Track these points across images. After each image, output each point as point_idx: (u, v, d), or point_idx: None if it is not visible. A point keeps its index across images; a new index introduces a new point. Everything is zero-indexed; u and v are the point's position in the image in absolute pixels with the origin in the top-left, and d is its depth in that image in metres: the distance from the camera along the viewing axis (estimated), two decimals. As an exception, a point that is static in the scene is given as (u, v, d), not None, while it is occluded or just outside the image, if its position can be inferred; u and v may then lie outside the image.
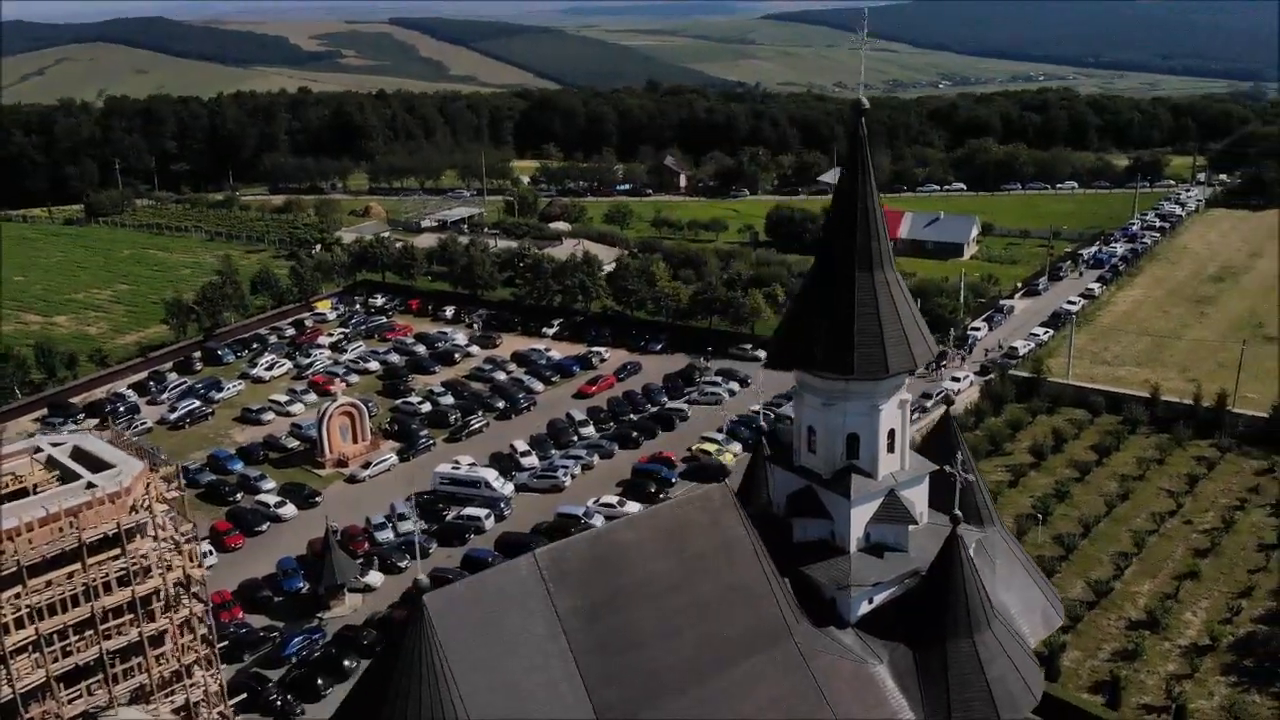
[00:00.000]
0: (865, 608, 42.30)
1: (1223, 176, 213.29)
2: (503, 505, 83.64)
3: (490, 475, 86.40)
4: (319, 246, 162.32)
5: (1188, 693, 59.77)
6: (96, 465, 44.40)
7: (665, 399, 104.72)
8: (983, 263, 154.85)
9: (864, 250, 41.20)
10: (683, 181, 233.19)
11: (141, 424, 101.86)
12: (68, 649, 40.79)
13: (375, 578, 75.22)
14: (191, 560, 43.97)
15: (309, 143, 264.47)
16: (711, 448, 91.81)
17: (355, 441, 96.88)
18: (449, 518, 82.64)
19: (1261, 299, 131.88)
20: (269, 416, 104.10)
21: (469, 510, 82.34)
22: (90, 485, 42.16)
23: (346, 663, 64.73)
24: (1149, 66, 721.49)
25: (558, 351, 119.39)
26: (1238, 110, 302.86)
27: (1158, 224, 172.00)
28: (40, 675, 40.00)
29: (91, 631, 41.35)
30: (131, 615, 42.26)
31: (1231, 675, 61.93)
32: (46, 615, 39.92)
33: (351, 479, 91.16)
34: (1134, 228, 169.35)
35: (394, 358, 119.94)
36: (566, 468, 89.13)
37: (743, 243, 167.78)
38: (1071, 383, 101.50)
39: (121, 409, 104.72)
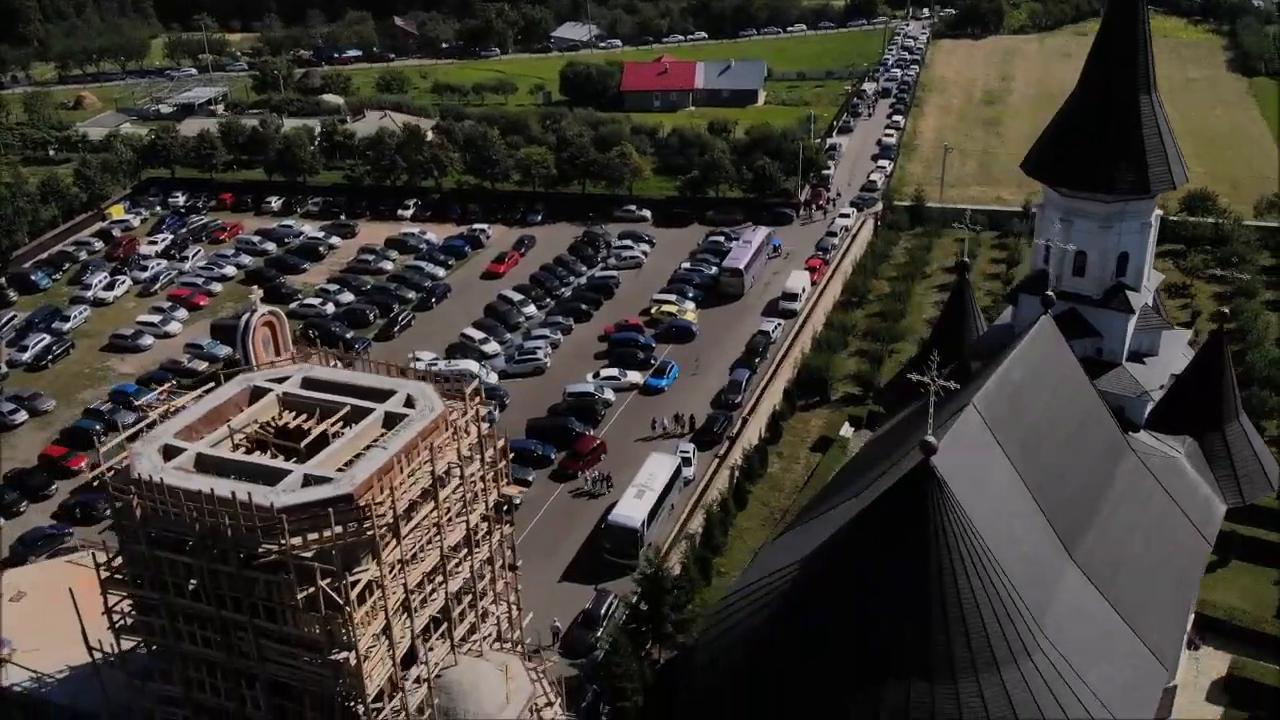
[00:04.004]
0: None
1: (925, 11, 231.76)
2: (502, 394, 79.28)
3: (472, 366, 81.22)
4: (56, 147, 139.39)
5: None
6: (362, 394, 37.86)
7: (584, 269, 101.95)
8: (777, 106, 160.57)
9: (1144, 74, 42.75)
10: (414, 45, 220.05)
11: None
12: (424, 601, 35.49)
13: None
14: (503, 480, 39.01)
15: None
16: (672, 308, 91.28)
17: (279, 354, 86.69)
18: (449, 416, 77.09)
19: (1034, 115, 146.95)
20: (148, 340, 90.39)
21: (471, 405, 77.18)
22: (390, 417, 36.06)
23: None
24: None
25: (434, 234, 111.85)
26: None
27: (908, 58, 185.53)
28: (405, 638, 34.61)
29: (440, 577, 36.09)
30: (465, 550, 37.23)
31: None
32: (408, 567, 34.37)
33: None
34: (890, 61, 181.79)
35: (245, 260, 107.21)
36: (539, 347, 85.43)
37: (539, 104, 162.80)
38: (951, 205, 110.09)
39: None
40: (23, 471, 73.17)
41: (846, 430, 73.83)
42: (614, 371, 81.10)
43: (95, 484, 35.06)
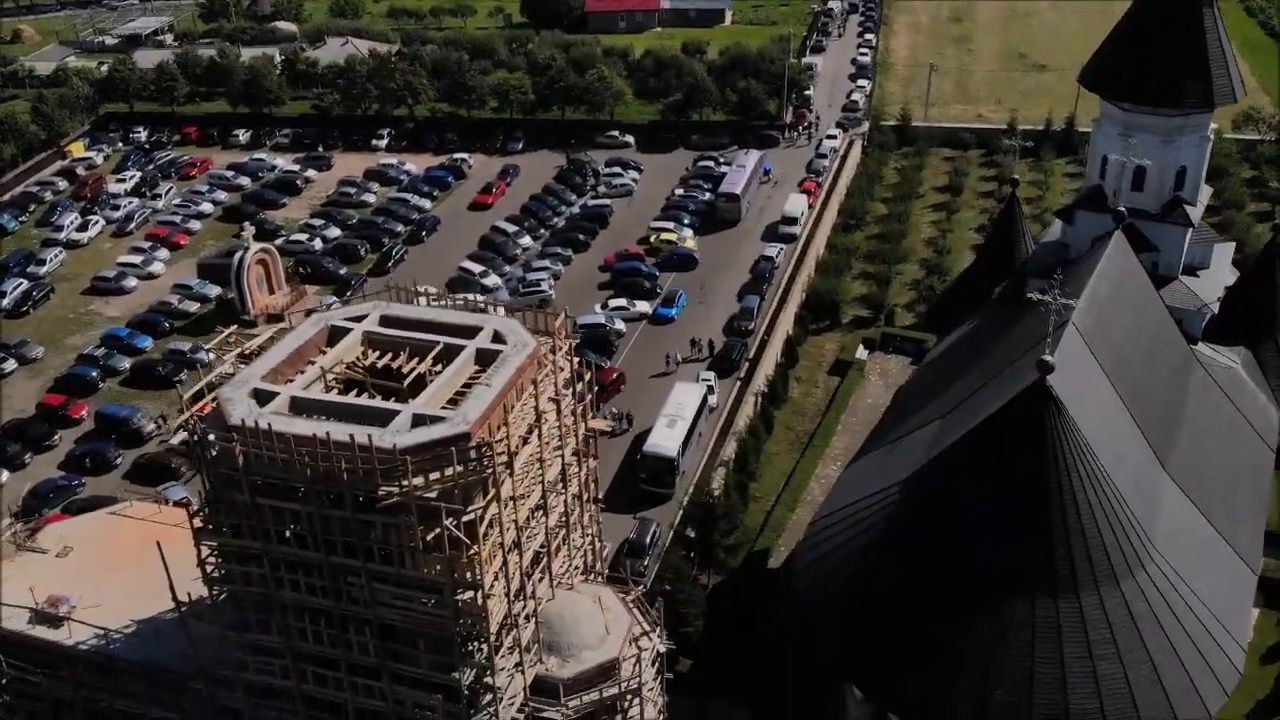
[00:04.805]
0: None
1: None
2: (512, 328, 78.13)
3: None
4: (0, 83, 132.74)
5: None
6: (447, 330, 36.76)
7: (574, 197, 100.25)
8: (746, 26, 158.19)
9: (1209, -17, 42.44)
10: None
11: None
12: (529, 536, 35.16)
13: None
14: (591, 414, 38.50)
15: None
16: (671, 236, 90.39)
17: (272, 291, 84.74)
18: (460, 351, 76.04)
19: (1003, 32, 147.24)
20: (132, 283, 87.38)
21: (482, 339, 76.16)
22: (482, 354, 35.17)
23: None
24: None
25: (413, 165, 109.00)
26: None
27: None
28: (516, 575, 34.29)
29: (541, 513, 35.73)
30: (560, 484, 36.85)
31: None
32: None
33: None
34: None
35: (221, 195, 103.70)
36: (542, 279, 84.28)
37: (500, 27, 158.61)
38: (937, 125, 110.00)
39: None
40: (21, 422, 70.74)
41: (861, 353, 74.26)
42: (622, 301, 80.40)
43: (185, 430, 33.70)
